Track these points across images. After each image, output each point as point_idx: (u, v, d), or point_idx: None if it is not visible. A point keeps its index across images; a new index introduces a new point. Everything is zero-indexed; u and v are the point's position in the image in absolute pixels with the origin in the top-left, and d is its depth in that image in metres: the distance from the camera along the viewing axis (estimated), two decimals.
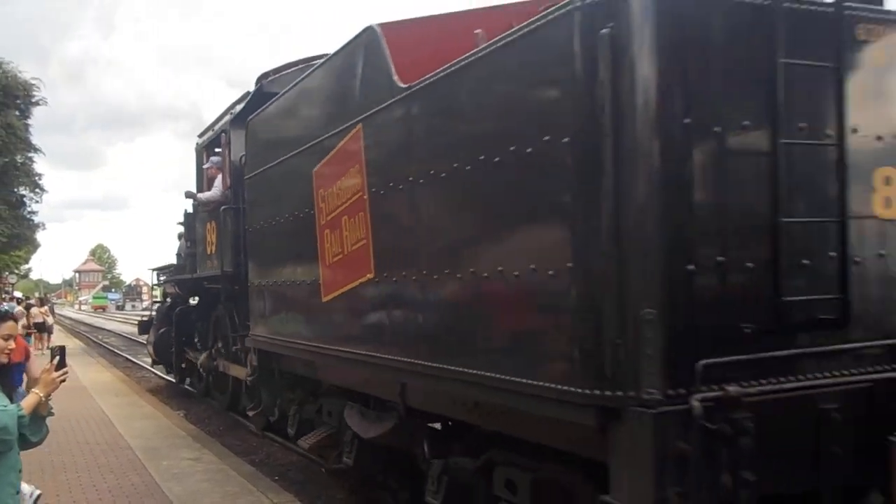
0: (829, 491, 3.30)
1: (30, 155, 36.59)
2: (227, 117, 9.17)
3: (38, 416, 3.71)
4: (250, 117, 7.84)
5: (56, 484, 7.61)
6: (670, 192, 3.18)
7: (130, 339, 31.55)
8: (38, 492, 4.28)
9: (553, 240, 3.48)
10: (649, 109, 3.15)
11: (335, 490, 7.61)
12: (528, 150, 3.56)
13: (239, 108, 8.92)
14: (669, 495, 3.07)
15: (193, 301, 12.59)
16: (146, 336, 15.46)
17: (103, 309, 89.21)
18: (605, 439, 3.31)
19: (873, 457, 3.26)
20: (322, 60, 6.24)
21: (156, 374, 17.13)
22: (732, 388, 3.11)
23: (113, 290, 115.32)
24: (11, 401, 3.80)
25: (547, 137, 3.44)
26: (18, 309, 26.02)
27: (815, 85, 3.35)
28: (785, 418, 3.23)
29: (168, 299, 14.03)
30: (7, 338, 4.07)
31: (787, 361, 3.35)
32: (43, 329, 25.16)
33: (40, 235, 49.46)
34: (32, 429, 3.70)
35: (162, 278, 15.15)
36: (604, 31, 3.12)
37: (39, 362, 11.27)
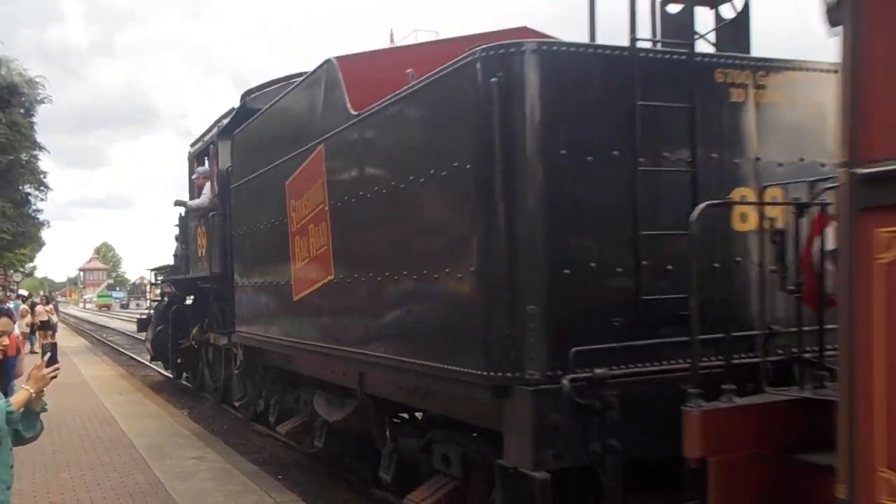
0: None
1: (34, 153, 36.51)
2: (215, 130, 10.05)
3: (32, 411, 3.73)
4: (235, 132, 8.68)
5: (59, 482, 7.70)
6: (552, 211, 3.96)
7: (135, 337, 31.64)
8: None
9: (462, 248, 4.27)
10: (533, 143, 3.93)
11: (338, 490, 7.76)
12: (444, 173, 4.35)
13: (225, 121, 9.79)
14: (546, 457, 3.85)
15: (189, 300, 13.46)
16: (145, 333, 16.39)
17: (108, 307, 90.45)
18: (499, 413, 4.09)
19: None
20: (294, 85, 7.06)
21: (160, 373, 17.36)
22: (600, 371, 3.88)
23: (117, 288, 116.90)
24: (6, 395, 3.87)
25: (456, 164, 4.23)
26: (23, 307, 26.94)
27: (676, 120, 4.11)
28: (648, 396, 3.99)
29: (165, 298, 14.92)
30: (1, 334, 4.32)
31: (654, 349, 4.11)
32: (48, 327, 25.69)
33: (45, 233, 50.16)
34: (25, 424, 3.72)
35: (159, 278, 16.08)
36: (493, 79, 3.89)
37: (30, 359, 12.05)
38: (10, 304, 29.14)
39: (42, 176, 38.64)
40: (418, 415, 6.10)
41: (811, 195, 3.83)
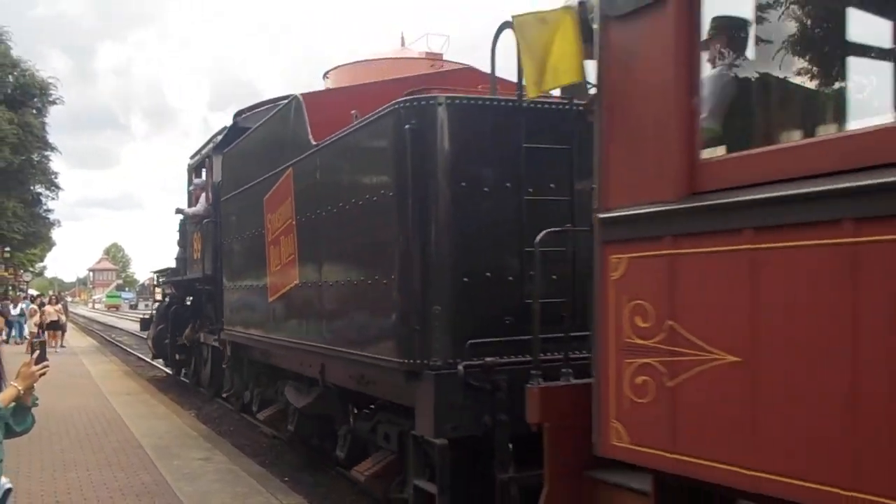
0: None
1: (46, 153, 37.90)
2: (210, 145, 11.26)
3: (23, 406, 3.84)
4: (225, 150, 9.83)
5: (67, 482, 7.79)
6: (455, 230, 5.03)
7: (143, 337, 32.03)
8: (8, 485, 4.29)
9: (386, 259, 5.35)
10: (441, 176, 5.00)
11: (344, 493, 7.98)
12: (374, 198, 5.43)
13: (219, 138, 10.95)
14: (446, 428, 4.91)
15: (188, 301, 14.62)
16: (147, 332, 17.60)
17: (117, 308, 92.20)
18: (412, 393, 5.16)
19: None
20: (270, 114, 8.19)
21: (167, 373, 17.61)
22: (490, 359, 4.94)
23: (126, 289, 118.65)
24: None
25: (382, 191, 5.31)
26: (32, 307, 27.93)
27: (558, 158, 5.16)
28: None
29: (166, 299, 16.11)
30: None
31: (541, 343, 5.15)
32: (57, 327, 26.49)
33: (55, 233, 51.51)
34: (17, 419, 3.85)
35: (161, 280, 17.29)
36: (407, 126, 4.97)
37: (21, 359, 12.99)
38: (22, 305, 30.20)
39: (53, 176, 39.99)
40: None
41: None
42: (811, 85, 3.71)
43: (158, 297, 19.64)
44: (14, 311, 28.66)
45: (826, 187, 2.40)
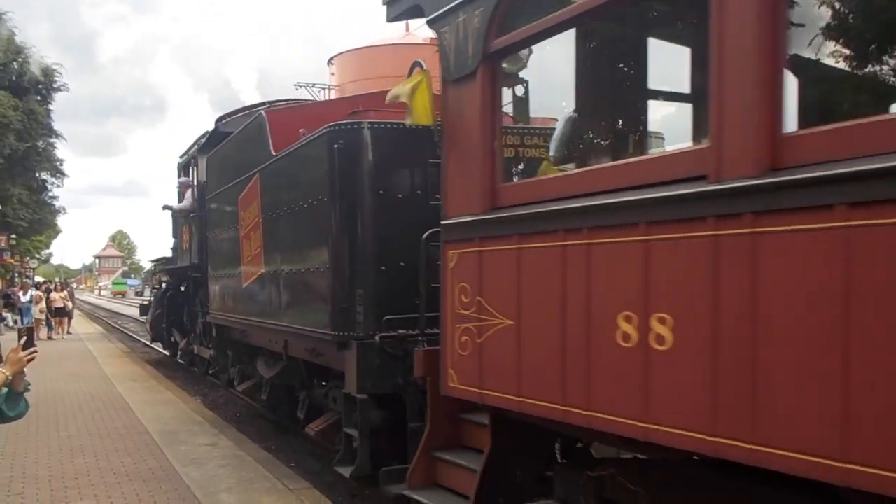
0: None
1: (51, 140, 38.77)
2: (195, 147, 12.78)
3: (15, 392, 3.94)
4: (209, 153, 11.26)
5: (74, 467, 8.02)
6: (375, 228, 6.41)
7: (144, 322, 32.19)
8: None
9: (322, 251, 6.75)
10: (363, 185, 6.38)
11: (349, 479, 8.12)
12: (314, 202, 6.84)
13: (203, 141, 12.39)
14: (366, 386, 6.33)
15: (182, 289, 16.10)
16: (146, 317, 19.19)
17: (122, 295, 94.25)
18: (342, 359, 6.56)
19: None
20: (243, 126, 9.61)
21: (174, 361, 18.00)
22: (402, 331, 6.33)
23: (132, 276, 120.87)
24: None
25: (320, 196, 6.71)
26: (37, 293, 28.06)
27: None
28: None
29: (163, 286, 17.62)
30: None
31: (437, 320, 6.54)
32: (63, 314, 27.54)
33: (61, 220, 52.20)
34: (9, 404, 3.93)
35: (158, 268, 18.88)
36: (336, 145, 6.35)
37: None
38: (31, 292, 30.71)
39: (58, 163, 40.97)
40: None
41: None
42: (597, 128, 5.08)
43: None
44: (24, 298, 29.06)
45: (612, 200, 3.76)
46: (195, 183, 12.41)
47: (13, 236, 40.18)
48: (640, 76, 5.00)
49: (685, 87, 5.02)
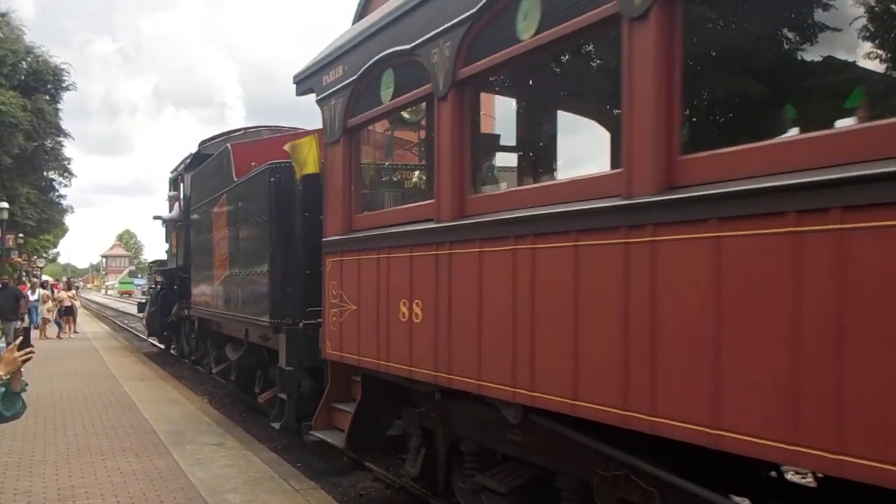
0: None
1: (59, 139, 39.74)
2: (182, 166, 15.37)
3: (11, 392, 3.99)
4: (192, 172, 13.80)
5: (81, 466, 8.24)
6: (302, 243, 8.84)
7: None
8: None
9: (264, 258, 9.21)
10: (294, 208, 8.80)
11: (356, 479, 8.80)
12: (259, 220, 9.31)
13: (188, 160, 14.99)
14: (293, 361, 8.77)
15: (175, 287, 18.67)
16: (143, 314, 21.86)
17: (129, 294, 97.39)
18: (278, 341, 9.01)
19: None
20: (215, 154, 12.11)
21: (180, 361, 18.67)
22: (319, 320, 8.73)
23: (139, 275, 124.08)
24: None
25: (263, 216, 9.16)
26: (44, 292, 29.92)
27: None
28: None
29: (158, 285, 20.21)
30: None
31: None
32: (70, 312, 28.48)
33: (69, 220, 54.29)
34: (6, 404, 4.00)
35: (154, 269, 21.60)
36: (273, 178, 8.79)
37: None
38: (40, 290, 31.77)
39: (66, 162, 42.25)
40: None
41: None
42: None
43: None
44: (32, 297, 29.42)
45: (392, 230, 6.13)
46: (181, 196, 15.02)
47: (21, 235, 41.43)
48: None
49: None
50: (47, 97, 37.08)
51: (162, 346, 20.59)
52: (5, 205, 32.74)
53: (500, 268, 4.57)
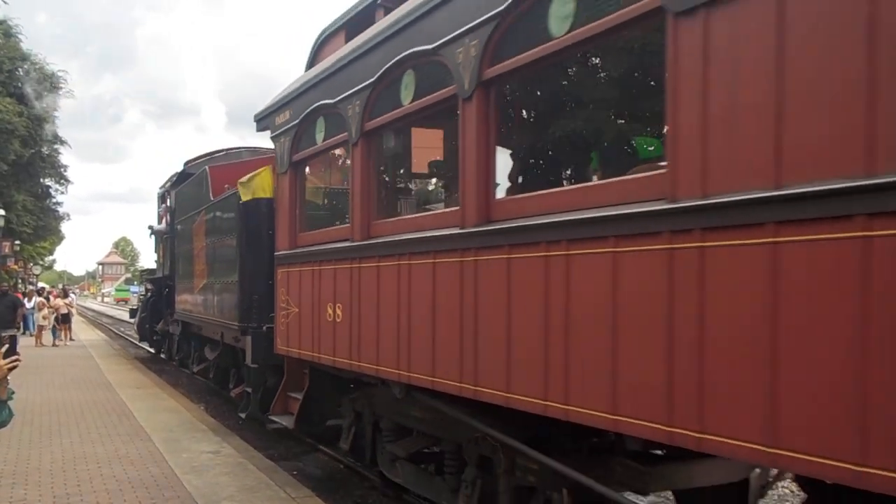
0: None
1: (55, 147, 40.47)
2: (169, 183, 17.04)
3: None
4: (177, 189, 15.45)
5: (77, 473, 8.31)
6: (265, 257, 10.41)
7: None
8: None
9: (235, 269, 10.81)
10: (257, 227, 10.42)
11: (353, 486, 8.92)
12: (230, 237, 10.92)
13: (175, 178, 16.66)
14: (258, 358, 10.34)
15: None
16: (134, 319, 23.55)
17: (126, 301, 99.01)
18: (245, 342, 10.61)
19: None
20: (195, 174, 13.75)
21: (178, 370, 18.82)
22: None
23: (135, 282, 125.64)
24: None
25: (233, 233, 10.80)
26: (40, 300, 29.41)
27: None
28: None
29: (148, 293, 21.85)
30: None
31: None
32: (67, 320, 28.91)
33: (65, 227, 55.06)
34: None
35: (144, 277, 23.34)
36: (241, 201, 10.40)
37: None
38: (36, 299, 31.82)
39: (62, 170, 42.95)
40: None
41: None
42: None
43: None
44: (28, 305, 29.64)
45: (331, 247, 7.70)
46: (168, 210, 16.70)
47: (17, 242, 41.56)
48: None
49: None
50: (44, 105, 37.25)
51: (153, 351, 22.24)
52: (1, 212, 33.01)
53: (389, 279, 6.16)
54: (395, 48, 6.00)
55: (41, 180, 41.79)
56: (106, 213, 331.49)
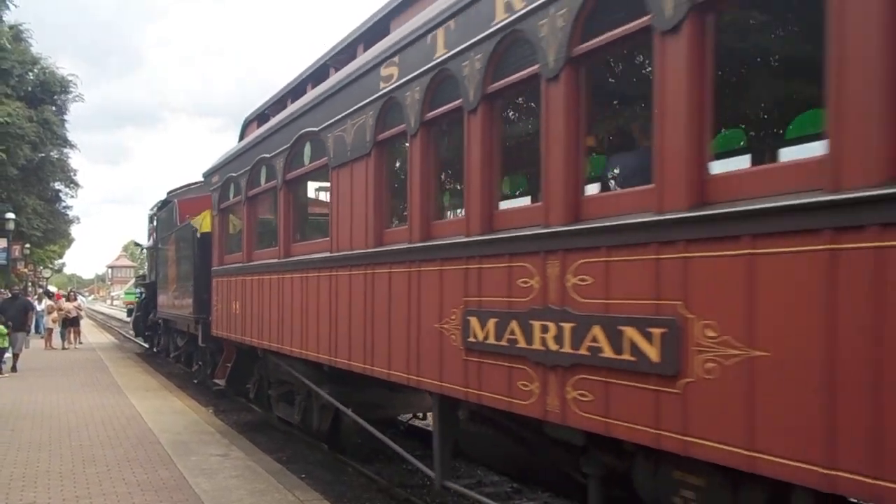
0: None
1: (65, 150, 42.27)
2: (155, 208, 22.29)
3: None
4: (159, 214, 20.72)
5: (87, 476, 8.50)
6: (209, 272, 15.46)
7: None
8: None
9: (191, 276, 15.85)
10: (208, 248, 15.43)
11: (361, 489, 9.16)
12: (189, 254, 15.96)
13: (159, 204, 21.91)
14: (207, 340, 15.31)
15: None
16: (131, 318, 29.01)
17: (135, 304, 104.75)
18: (198, 329, 15.65)
19: None
20: (167, 204, 18.92)
21: (186, 371, 20.10)
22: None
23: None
24: None
25: (190, 251, 15.83)
26: (50, 303, 31.08)
27: None
28: None
29: (142, 296, 27.28)
30: None
31: None
32: (76, 323, 29.89)
33: (74, 230, 57.13)
34: None
35: (139, 283, 28.85)
36: (194, 229, 15.44)
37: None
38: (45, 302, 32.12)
39: (72, 174, 44.80)
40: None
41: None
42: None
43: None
44: (39, 307, 30.88)
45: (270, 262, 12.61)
46: (154, 230, 22.09)
47: (27, 246, 43.59)
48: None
49: None
50: (53, 108, 39.23)
51: (146, 346, 27.55)
52: (12, 215, 34.48)
53: (261, 286, 11.06)
54: (292, 129, 10.91)
55: (51, 184, 43.16)
56: (115, 217, 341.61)
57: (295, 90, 10.54)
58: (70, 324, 28.76)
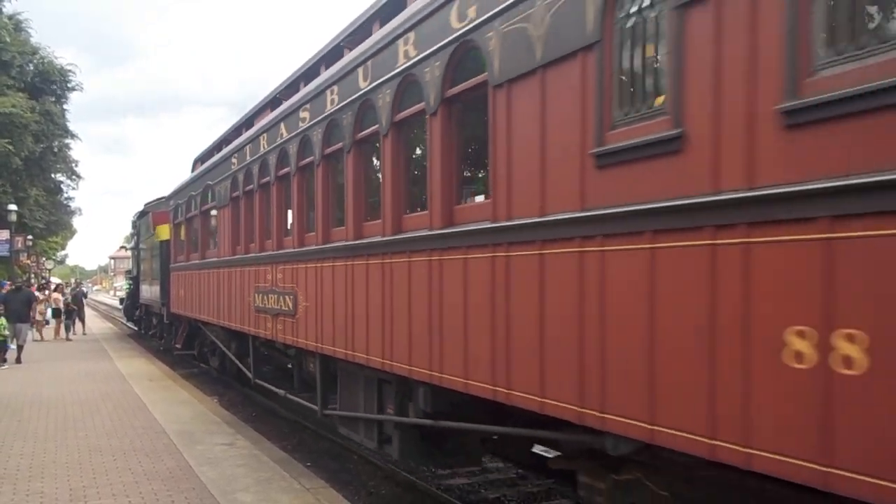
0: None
1: (66, 141, 43.10)
2: (137, 216, 29.03)
3: None
4: (140, 220, 27.70)
5: (93, 466, 8.95)
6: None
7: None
8: None
9: (159, 273, 22.58)
10: (166, 253, 22.17)
11: (366, 477, 9.66)
12: (157, 254, 22.74)
13: (140, 214, 28.51)
14: (170, 319, 21.92)
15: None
16: (122, 305, 36.18)
17: None
18: (163, 310, 22.39)
19: None
20: (146, 214, 25.85)
21: (190, 363, 21.59)
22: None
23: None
24: None
25: (157, 254, 22.61)
26: (55, 295, 34.83)
27: None
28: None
29: (131, 286, 33.93)
30: None
31: None
32: (65, 314, 31.51)
33: (77, 221, 58.54)
34: None
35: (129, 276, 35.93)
36: (159, 239, 22.27)
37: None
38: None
39: (74, 164, 46.09)
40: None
41: None
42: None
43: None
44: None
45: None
46: (136, 234, 28.91)
47: (30, 237, 44.56)
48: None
49: None
50: (53, 98, 39.99)
51: (136, 329, 33.76)
52: (14, 207, 36.01)
53: (210, 278, 17.75)
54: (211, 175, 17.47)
55: (53, 175, 43.89)
56: (118, 207, 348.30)
57: (238, 129, 15.81)
58: (66, 316, 30.42)
